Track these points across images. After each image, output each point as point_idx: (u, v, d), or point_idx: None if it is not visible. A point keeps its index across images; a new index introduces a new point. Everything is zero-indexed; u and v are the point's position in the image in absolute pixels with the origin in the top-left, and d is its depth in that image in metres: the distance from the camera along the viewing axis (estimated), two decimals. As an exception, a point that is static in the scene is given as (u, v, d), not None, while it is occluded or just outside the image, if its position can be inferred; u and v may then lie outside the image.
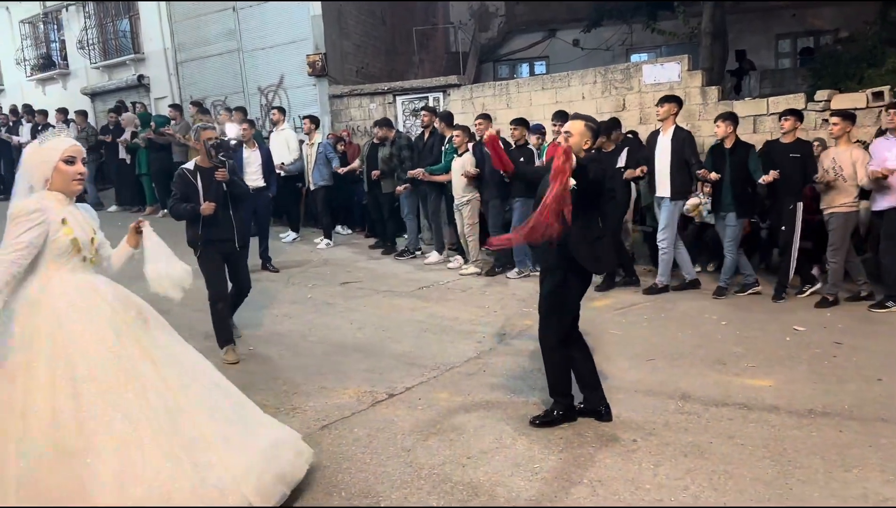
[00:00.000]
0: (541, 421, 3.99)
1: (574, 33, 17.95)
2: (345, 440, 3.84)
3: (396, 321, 6.16)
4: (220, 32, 13.53)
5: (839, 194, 6.20)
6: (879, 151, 6.13)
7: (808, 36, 17.21)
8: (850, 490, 3.18)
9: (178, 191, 5.03)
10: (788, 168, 6.30)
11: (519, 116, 8.00)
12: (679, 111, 6.83)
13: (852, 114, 6.53)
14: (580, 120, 3.91)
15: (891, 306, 6.08)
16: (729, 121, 6.62)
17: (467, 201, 7.88)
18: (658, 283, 6.97)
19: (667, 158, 6.66)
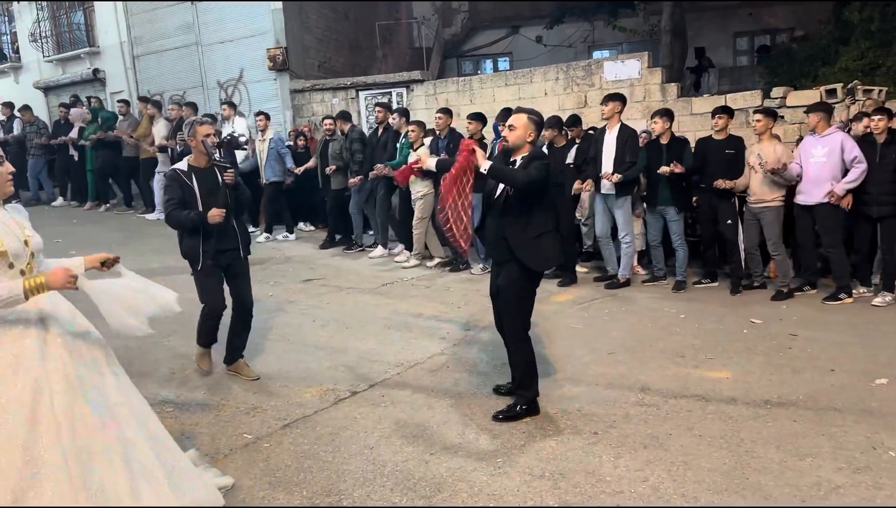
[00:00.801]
0: (504, 416, 4.01)
1: (537, 30, 18.02)
2: (306, 439, 3.81)
3: (359, 318, 6.12)
4: (177, 26, 13.27)
5: (769, 189, 6.44)
6: (805, 149, 6.45)
7: (765, 34, 17.55)
8: (804, 478, 3.26)
9: (174, 195, 4.35)
10: (722, 164, 6.53)
11: (477, 111, 8.01)
12: (623, 109, 6.97)
13: (774, 111, 6.87)
14: (523, 113, 3.99)
15: (843, 298, 6.26)
16: (665, 117, 6.80)
17: (422, 196, 7.93)
18: (621, 277, 7.10)
19: (611, 155, 6.80)
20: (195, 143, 4.41)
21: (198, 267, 4.48)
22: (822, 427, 3.78)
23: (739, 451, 3.53)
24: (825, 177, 6.21)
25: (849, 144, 6.17)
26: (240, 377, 4.66)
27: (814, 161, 6.29)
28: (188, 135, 4.45)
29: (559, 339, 5.49)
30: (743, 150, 6.69)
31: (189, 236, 4.45)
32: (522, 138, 3.93)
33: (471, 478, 3.35)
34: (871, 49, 9.40)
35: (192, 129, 4.43)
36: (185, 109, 10.40)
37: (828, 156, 6.22)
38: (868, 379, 4.43)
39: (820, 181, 6.24)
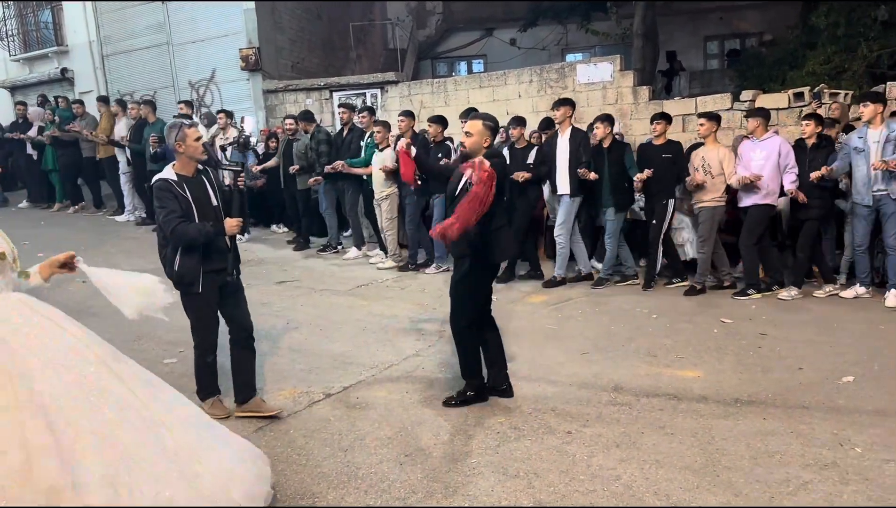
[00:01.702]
0: (456, 402, 4.19)
1: (511, 32, 18.13)
2: (280, 442, 3.78)
3: (334, 320, 6.09)
4: (148, 25, 13.10)
5: (708, 190, 6.68)
6: (745, 152, 6.65)
7: (735, 38, 17.85)
8: (773, 475, 3.31)
9: (174, 207, 3.79)
10: (661, 168, 6.71)
11: (437, 114, 8.09)
12: (574, 114, 7.17)
13: (717, 115, 7.07)
14: (478, 120, 4.13)
15: (752, 294, 6.53)
16: (607, 122, 6.99)
17: (386, 196, 7.96)
18: (556, 276, 7.26)
19: (565, 158, 6.98)
20: (183, 147, 3.87)
21: (197, 290, 3.92)
22: (791, 425, 3.84)
23: (710, 449, 3.58)
24: (763, 180, 6.42)
25: (785, 149, 6.43)
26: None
27: (752, 164, 6.51)
28: (175, 139, 3.86)
29: (533, 339, 5.51)
30: (681, 154, 6.92)
31: (186, 253, 3.85)
32: (479, 144, 4.07)
33: (445, 479, 3.35)
34: (837, 53, 9.60)
35: (179, 132, 3.86)
36: (144, 108, 10.30)
37: (766, 159, 6.45)
38: (835, 377, 4.51)
39: (757, 184, 6.45)
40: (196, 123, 4.19)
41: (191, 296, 3.95)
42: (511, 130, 7.45)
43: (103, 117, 10.96)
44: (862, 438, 3.64)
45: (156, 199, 3.88)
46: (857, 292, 6.35)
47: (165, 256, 3.96)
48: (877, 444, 3.57)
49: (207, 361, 4.08)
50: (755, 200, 6.52)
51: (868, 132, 6.14)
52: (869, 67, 9.35)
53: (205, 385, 4.13)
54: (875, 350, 4.99)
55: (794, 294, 6.47)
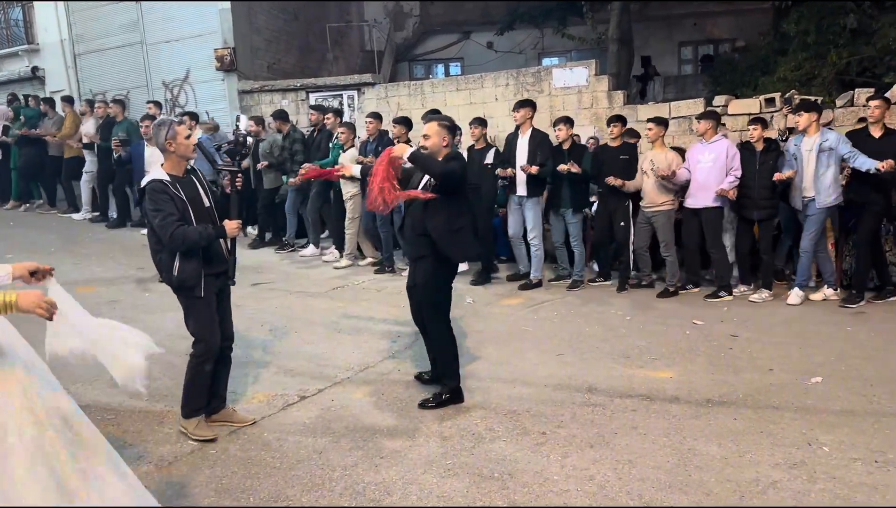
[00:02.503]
0: (432, 404, 4.22)
1: (488, 36, 18.15)
2: (254, 445, 3.75)
3: (309, 323, 6.07)
4: (121, 24, 12.91)
5: (660, 194, 6.81)
6: (694, 155, 6.82)
7: (709, 44, 18.05)
8: (743, 474, 3.36)
9: (169, 209, 3.60)
10: (618, 169, 6.86)
11: (403, 116, 8.09)
12: (534, 115, 7.27)
13: (665, 120, 7.27)
14: (434, 121, 4.22)
15: (723, 296, 6.68)
16: (567, 125, 7.15)
17: (352, 196, 8.02)
18: (533, 278, 7.33)
19: (524, 159, 7.07)
20: (174, 146, 3.69)
21: (199, 294, 3.76)
22: (761, 425, 3.90)
23: (682, 449, 3.62)
24: (712, 182, 6.60)
25: (732, 152, 6.61)
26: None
27: (701, 166, 6.67)
28: (166, 138, 3.68)
29: (509, 341, 5.54)
30: (636, 156, 7.08)
31: (186, 257, 3.70)
32: (438, 145, 4.17)
33: (420, 481, 3.35)
34: (808, 60, 9.75)
35: (169, 130, 3.69)
36: (113, 107, 10.23)
37: (714, 162, 6.61)
38: (804, 378, 4.58)
39: (707, 186, 6.64)
40: (184, 121, 4.05)
41: (193, 300, 3.77)
42: (471, 129, 7.55)
43: (67, 117, 10.86)
44: (830, 437, 3.71)
45: (150, 201, 3.63)
46: (826, 293, 6.51)
47: (161, 260, 3.76)
48: (844, 443, 3.64)
49: (206, 369, 3.83)
50: (704, 202, 6.66)
51: (803, 140, 6.36)
52: (838, 73, 9.51)
53: (194, 400, 3.86)
54: (842, 352, 5.09)
55: (766, 296, 6.60)
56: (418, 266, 4.31)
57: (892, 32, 9.04)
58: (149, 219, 3.73)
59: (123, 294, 6.67)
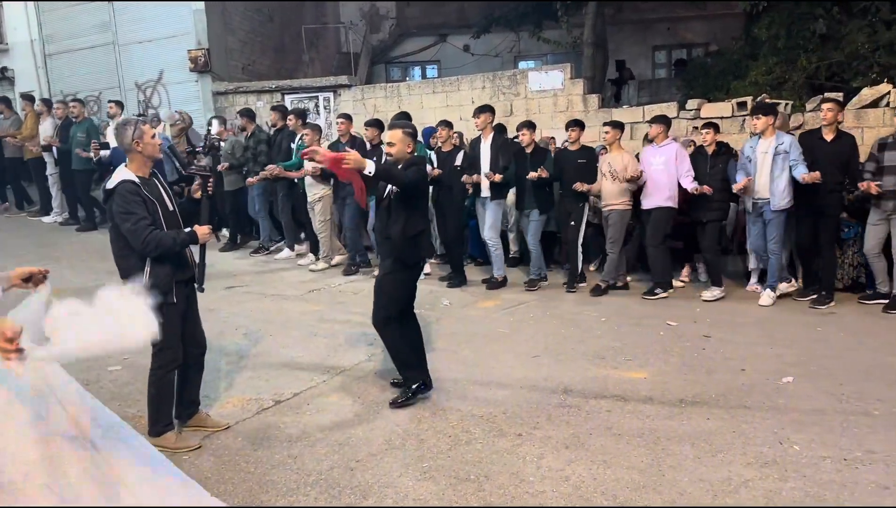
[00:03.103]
0: (400, 403, 4.26)
1: (465, 39, 18.20)
2: (228, 451, 3.71)
3: (285, 326, 6.02)
4: (93, 24, 12.73)
5: (615, 194, 6.99)
6: (647, 157, 7.00)
7: (682, 48, 18.28)
8: (716, 473, 3.40)
9: (141, 212, 3.49)
10: (575, 172, 7.03)
11: (375, 119, 8.11)
12: (494, 120, 7.39)
13: (621, 124, 7.42)
14: (397, 128, 4.30)
15: (659, 293, 6.84)
16: (531, 129, 7.30)
17: (319, 198, 8.02)
18: (497, 277, 7.43)
19: (487, 163, 7.20)
20: (141, 146, 3.57)
21: (172, 300, 3.63)
22: (734, 425, 3.95)
23: (656, 449, 3.66)
24: (663, 184, 6.77)
25: (682, 154, 6.77)
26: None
27: (653, 169, 6.85)
28: (133, 138, 3.55)
29: (485, 343, 5.55)
30: (594, 158, 7.25)
31: (157, 263, 3.57)
32: (403, 151, 4.26)
33: (397, 484, 3.34)
34: (778, 64, 9.93)
35: (136, 130, 3.56)
36: (74, 106, 10.08)
37: (665, 165, 6.78)
38: (776, 378, 4.65)
39: (659, 187, 6.80)
40: (150, 120, 3.94)
41: (163, 307, 3.50)
42: (439, 131, 7.61)
43: (28, 117, 10.65)
44: (800, 436, 3.76)
45: (120, 203, 3.47)
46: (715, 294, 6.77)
47: (129, 265, 3.58)
48: (814, 442, 3.70)
49: (171, 379, 3.73)
50: (657, 202, 6.84)
51: (759, 143, 6.50)
52: (808, 78, 9.69)
53: (164, 414, 3.74)
54: (813, 351, 5.18)
55: (717, 294, 6.76)
56: (383, 265, 4.49)
57: (860, 38, 9.23)
58: (115, 222, 3.57)
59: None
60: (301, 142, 8.15)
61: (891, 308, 6.11)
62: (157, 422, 3.72)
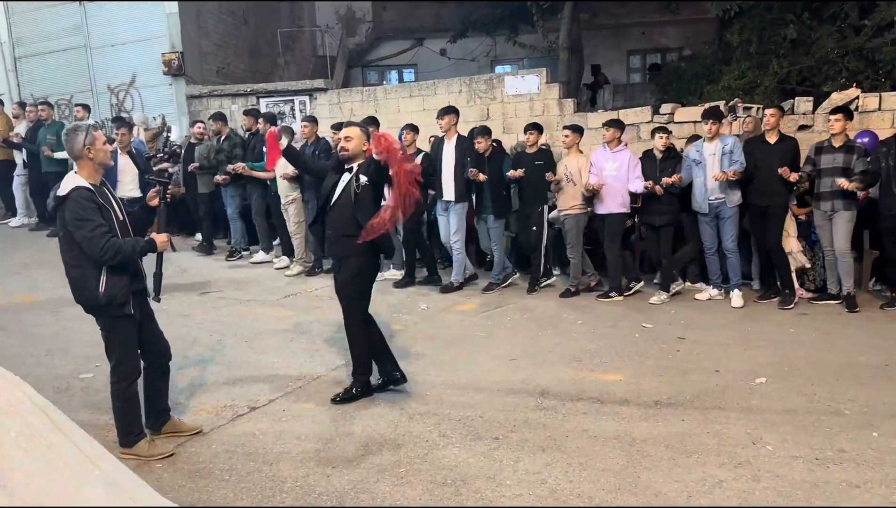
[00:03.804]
0: (341, 398, 4.38)
1: (441, 43, 18.23)
2: (201, 458, 3.67)
3: (260, 331, 5.97)
4: (65, 27, 12.56)
5: (571, 198, 7.10)
6: (598, 161, 7.06)
7: (656, 53, 18.47)
8: (690, 474, 3.43)
9: (98, 219, 3.41)
10: (534, 175, 7.08)
11: (339, 122, 8.20)
12: (458, 122, 7.43)
13: (581, 128, 7.48)
14: (356, 126, 4.46)
15: (614, 296, 6.95)
16: (487, 135, 7.33)
17: (292, 200, 8.02)
18: (454, 281, 7.47)
19: (451, 165, 7.22)
20: (93, 152, 3.51)
21: (129, 312, 3.56)
22: (708, 426, 3.99)
23: (631, 451, 3.68)
24: (617, 188, 6.85)
25: (634, 162, 6.89)
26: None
27: (606, 174, 6.92)
28: (84, 144, 3.49)
29: (463, 347, 5.55)
30: (551, 161, 7.33)
31: (113, 272, 3.47)
32: (359, 147, 4.37)
33: (373, 490, 3.33)
34: (750, 69, 10.06)
35: (87, 136, 3.50)
36: (43, 109, 9.97)
37: (618, 170, 6.88)
38: (749, 379, 4.70)
39: (611, 193, 6.88)
40: (101, 126, 3.83)
41: (119, 320, 3.55)
42: (403, 134, 7.64)
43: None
44: (773, 436, 3.81)
45: (75, 210, 3.38)
46: (711, 294, 6.91)
47: (82, 276, 3.48)
48: (787, 442, 3.75)
49: (134, 389, 3.66)
50: (611, 208, 6.92)
51: (705, 146, 6.67)
52: (780, 82, 9.83)
53: (134, 424, 3.67)
54: (785, 352, 5.25)
55: (664, 298, 6.87)
56: (342, 266, 4.47)
57: (830, 43, 9.39)
58: (68, 230, 3.44)
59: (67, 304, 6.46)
60: None
61: (850, 308, 6.32)
62: (129, 433, 3.66)
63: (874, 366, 4.91)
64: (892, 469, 3.42)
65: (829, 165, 6.32)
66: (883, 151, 6.26)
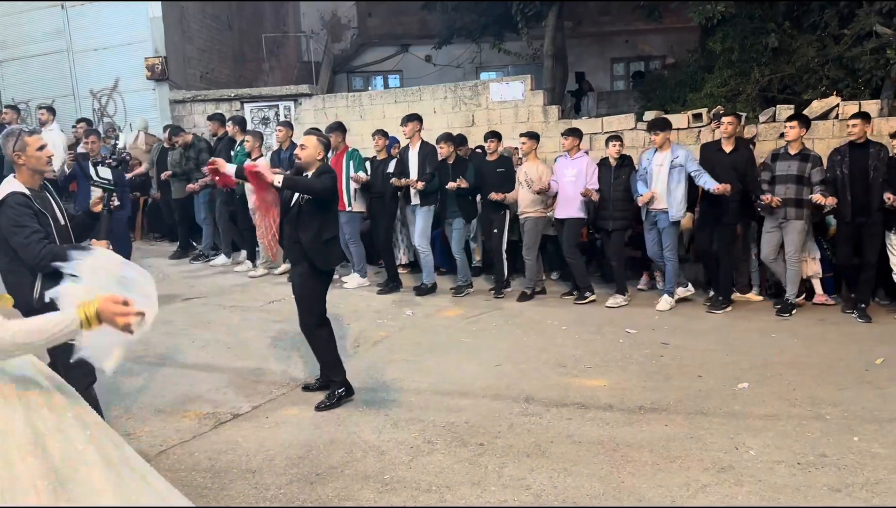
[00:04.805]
0: (326, 406, 4.37)
1: (427, 49, 18.27)
2: (183, 466, 3.63)
3: (243, 338, 5.93)
4: (46, 31, 12.41)
5: (530, 202, 7.21)
6: (559, 169, 7.23)
7: (640, 60, 18.63)
8: (674, 479, 3.44)
9: (34, 225, 3.38)
10: (495, 181, 7.28)
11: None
12: (421, 128, 7.57)
13: (537, 135, 7.63)
14: (313, 135, 4.58)
15: (588, 297, 7.10)
16: (450, 142, 7.50)
17: None
18: (426, 284, 7.59)
19: (415, 171, 7.39)
20: (24, 158, 3.45)
21: None
22: (691, 430, 4.01)
23: (615, 456, 3.69)
24: (576, 194, 6.98)
25: (591, 169, 7.03)
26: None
27: (566, 180, 7.08)
28: (14, 149, 3.44)
29: (449, 353, 5.55)
30: (511, 168, 7.48)
31: (50, 279, 3.25)
32: (313, 156, 4.48)
33: (357, 497, 3.31)
34: (733, 77, 10.18)
35: (17, 141, 3.44)
36: (6, 113, 9.94)
37: (577, 176, 7.02)
38: (731, 384, 4.73)
39: (571, 198, 7.03)
40: (37, 131, 3.75)
41: None
42: (374, 140, 7.78)
43: None
44: (755, 441, 3.84)
45: (12, 215, 3.34)
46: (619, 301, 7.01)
47: (17, 282, 3.40)
48: (769, 446, 3.77)
49: (93, 395, 3.56)
50: (569, 213, 7.09)
51: (654, 156, 6.76)
52: (761, 90, 9.95)
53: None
54: (767, 358, 5.29)
55: (620, 301, 6.99)
56: (296, 270, 4.58)
57: (810, 52, 9.52)
58: (3, 236, 3.38)
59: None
60: (241, 148, 8.19)
61: (783, 311, 6.46)
62: None
63: (854, 371, 4.96)
64: (873, 472, 3.45)
65: (784, 172, 6.42)
66: (837, 158, 6.39)
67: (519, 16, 12.95)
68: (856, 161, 6.24)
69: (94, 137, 7.55)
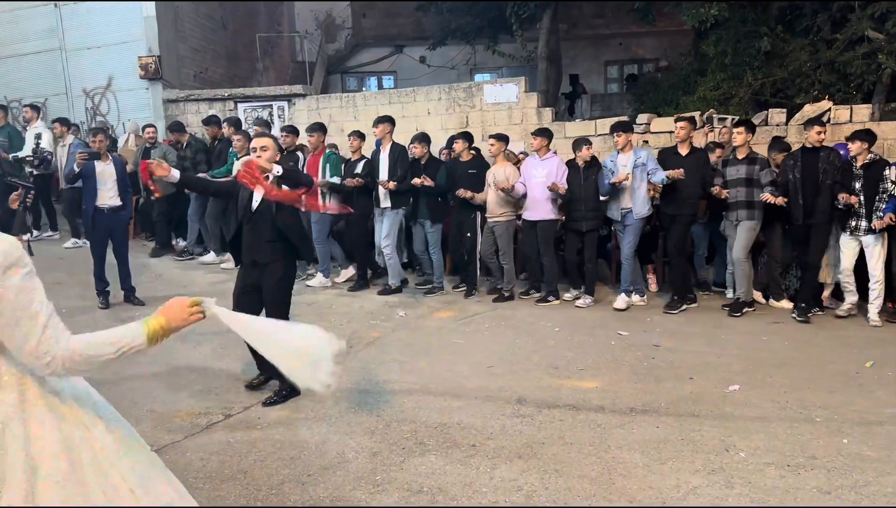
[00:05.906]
0: (273, 401, 4.45)
1: (421, 50, 18.29)
2: (175, 466, 3.59)
3: (236, 339, 5.85)
4: (39, 29, 12.39)
5: (501, 206, 7.24)
6: (528, 169, 7.25)
7: (634, 63, 18.71)
8: (665, 480, 3.45)
9: None
10: (467, 182, 7.31)
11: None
12: (392, 130, 7.59)
13: (506, 137, 7.68)
14: (268, 137, 4.74)
15: (552, 300, 7.17)
16: (424, 142, 7.56)
17: None
18: (392, 285, 7.63)
19: (385, 173, 7.43)
20: None
21: None
22: (682, 432, 4.03)
23: (607, 457, 3.70)
24: (545, 196, 7.03)
25: (562, 170, 7.07)
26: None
27: (535, 182, 7.10)
28: None
29: (441, 354, 5.55)
30: (484, 169, 7.50)
31: None
32: (273, 158, 4.59)
33: (349, 497, 3.31)
34: (725, 80, 10.24)
35: None
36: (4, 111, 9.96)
37: (547, 177, 7.04)
38: (723, 386, 4.76)
39: (541, 199, 7.09)
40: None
41: None
42: (350, 141, 7.79)
43: None
44: (746, 443, 3.86)
45: None
46: (632, 300, 7.03)
47: None
48: (759, 449, 3.79)
49: None
50: (542, 215, 7.11)
51: (619, 157, 6.86)
52: (754, 94, 10.02)
53: None
54: (758, 360, 5.32)
55: (588, 302, 7.08)
56: (266, 271, 4.55)
57: (803, 56, 9.58)
58: None
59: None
60: (233, 149, 8.19)
61: (734, 312, 6.60)
62: None
63: (843, 374, 5.00)
64: (862, 475, 3.48)
65: (734, 176, 6.61)
66: (790, 163, 6.52)
67: (513, 18, 13.00)
68: (807, 165, 6.41)
69: (102, 135, 7.53)
